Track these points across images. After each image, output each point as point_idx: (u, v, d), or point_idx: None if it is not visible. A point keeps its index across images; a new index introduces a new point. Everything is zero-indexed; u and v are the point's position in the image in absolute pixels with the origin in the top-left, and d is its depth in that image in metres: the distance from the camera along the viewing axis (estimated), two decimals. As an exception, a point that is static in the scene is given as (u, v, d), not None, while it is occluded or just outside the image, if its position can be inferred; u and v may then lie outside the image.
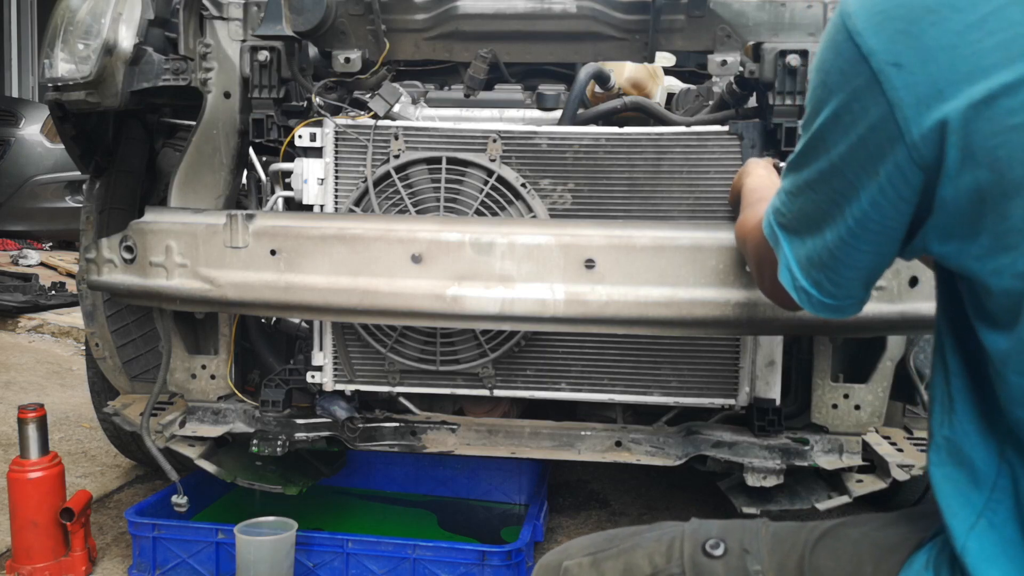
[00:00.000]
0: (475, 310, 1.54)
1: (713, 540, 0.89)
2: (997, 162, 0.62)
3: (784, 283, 0.88)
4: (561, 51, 1.81)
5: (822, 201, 0.77)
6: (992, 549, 0.69)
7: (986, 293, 0.67)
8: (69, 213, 5.58)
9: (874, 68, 0.67)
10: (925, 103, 0.65)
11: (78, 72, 1.80)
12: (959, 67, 0.63)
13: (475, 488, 2.42)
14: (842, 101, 0.71)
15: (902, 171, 0.68)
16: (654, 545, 0.93)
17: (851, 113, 0.70)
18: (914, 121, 0.66)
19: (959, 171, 0.65)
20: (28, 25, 9.82)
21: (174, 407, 1.94)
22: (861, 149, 0.71)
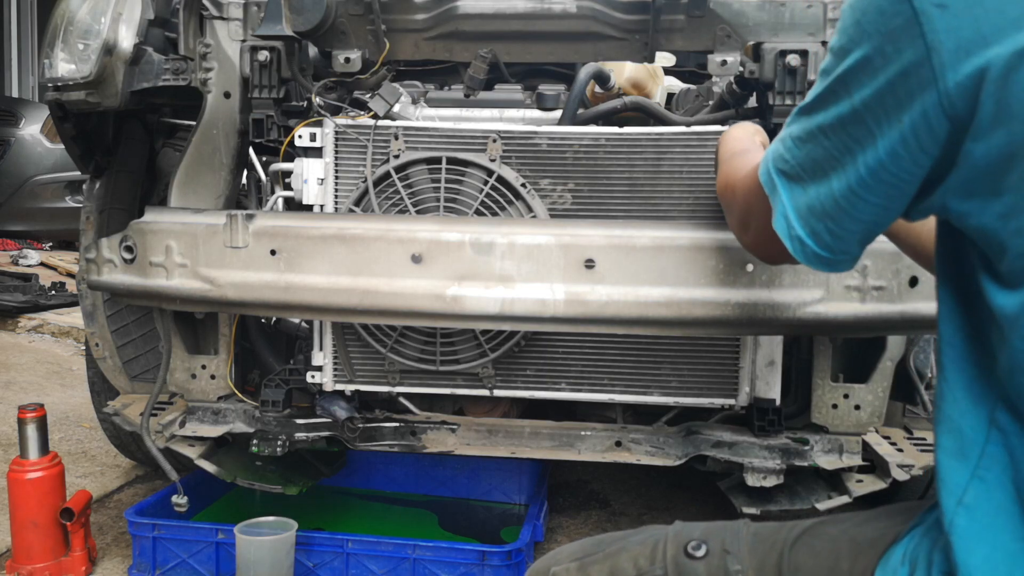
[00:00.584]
0: (475, 310, 1.54)
1: (695, 542, 0.89)
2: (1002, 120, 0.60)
3: (779, 230, 0.85)
4: (561, 51, 1.81)
5: (834, 148, 0.75)
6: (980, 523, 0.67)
7: (1002, 253, 0.65)
8: (69, 213, 5.58)
9: (916, 7, 0.64)
10: (966, 49, 0.62)
11: (78, 72, 1.80)
12: (1008, 11, 0.60)
13: (475, 488, 2.42)
14: (876, 43, 0.68)
15: (929, 121, 0.66)
16: (639, 548, 0.93)
17: (883, 56, 0.67)
18: (951, 67, 0.63)
19: (992, 125, 0.62)
20: (28, 25, 9.82)
21: (174, 407, 1.94)
22: (888, 95, 0.68)
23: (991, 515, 0.67)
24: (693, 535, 0.91)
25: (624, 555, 0.94)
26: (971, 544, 0.67)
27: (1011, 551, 0.65)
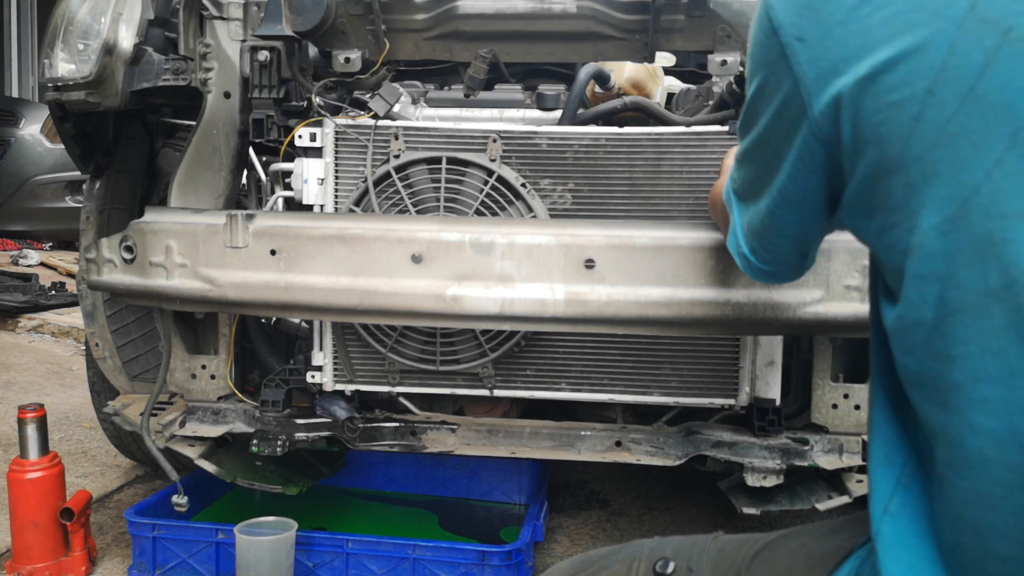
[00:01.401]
0: (475, 310, 1.54)
1: (663, 560, 0.90)
2: (880, 139, 0.62)
3: (731, 248, 0.91)
4: (561, 51, 1.81)
5: (757, 170, 0.79)
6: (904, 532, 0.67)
7: (884, 268, 0.68)
8: (69, 213, 5.58)
9: (783, 42, 0.68)
10: (824, 78, 0.65)
11: (78, 72, 1.80)
12: (850, 43, 0.63)
13: (475, 488, 2.42)
14: (764, 73, 0.72)
15: (808, 145, 0.69)
16: (617, 566, 0.94)
17: (769, 86, 0.71)
18: (815, 96, 0.66)
19: (853, 148, 0.65)
20: (28, 25, 9.82)
21: (174, 407, 1.94)
22: (778, 122, 0.72)
23: (915, 523, 0.66)
24: (665, 552, 0.92)
25: (603, 574, 0.95)
26: (895, 552, 0.67)
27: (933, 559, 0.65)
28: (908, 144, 0.60)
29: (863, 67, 0.62)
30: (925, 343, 0.62)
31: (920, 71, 0.59)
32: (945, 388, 0.61)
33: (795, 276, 0.92)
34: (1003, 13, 0.56)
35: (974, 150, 0.57)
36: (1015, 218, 0.55)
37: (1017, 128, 0.55)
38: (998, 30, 0.56)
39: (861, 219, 0.69)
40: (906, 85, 0.60)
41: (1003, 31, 0.56)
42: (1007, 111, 0.56)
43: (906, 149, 0.60)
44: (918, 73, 0.59)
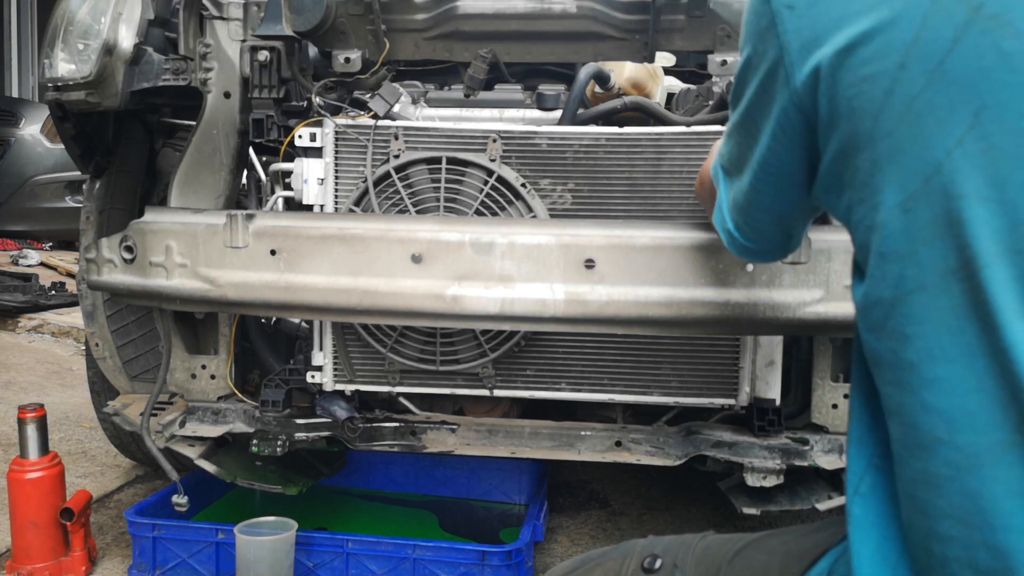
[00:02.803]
0: (475, 310, 1.54)
1: (651, 557, 0.91)
2: (853, 113, 0.62)
3: (716, 224, 0.91)
4: (561, 51, 1.81)
5: (743, 144, 0.79)
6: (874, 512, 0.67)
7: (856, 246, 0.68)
8: (69, 213, 5.58)
9: (773, 9, 0.68)
10: (807, 48, 0.65)
11: (78, 72, 1.80)
12: (832, 13, 0.63)
13: (475, 488, 2.42)
14: (753, 43, 0.72)
15: (788, 116, 0.69)
16: (611, 563, 0.95)
17: (758, 55, 0.72)
18: (798, 66, 0.66)
19: (829, 121, 0.65)
20: (28, 25, 9.82)
21: (174, 407, 1.94)
22: (762, 92, 0.72)
23: (885, 503, 0.67)
24: (655, 550, 0.93)
25: (598, 571, 0.96)
26: (864, 533, 0.67)
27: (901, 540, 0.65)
28: (878, 120, 0.60)
29: (842, 38, 0.62)
30: (883, 321, 0.62)
31: (893, 44, 0.59)
32: (900, 367, 0.61)
33: (779, 256, 0.92)
34: None
35: (938, 128, 0.56)
36: (972, 198, 0.55)
37: (980, 107, 0.55)
38: (969, 6, 0.55)
39: (833, 195, 0.69)
40: (879, 58, 0.60)
41: (974, 7, 0.55)
42: (972, 89, 0.55)
43: (876, 125, 0.60)
44: (891, 46, 0.59)
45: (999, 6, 0.54)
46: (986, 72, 0.55)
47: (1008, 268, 0.54)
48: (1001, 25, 0.54)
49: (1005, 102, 0.54)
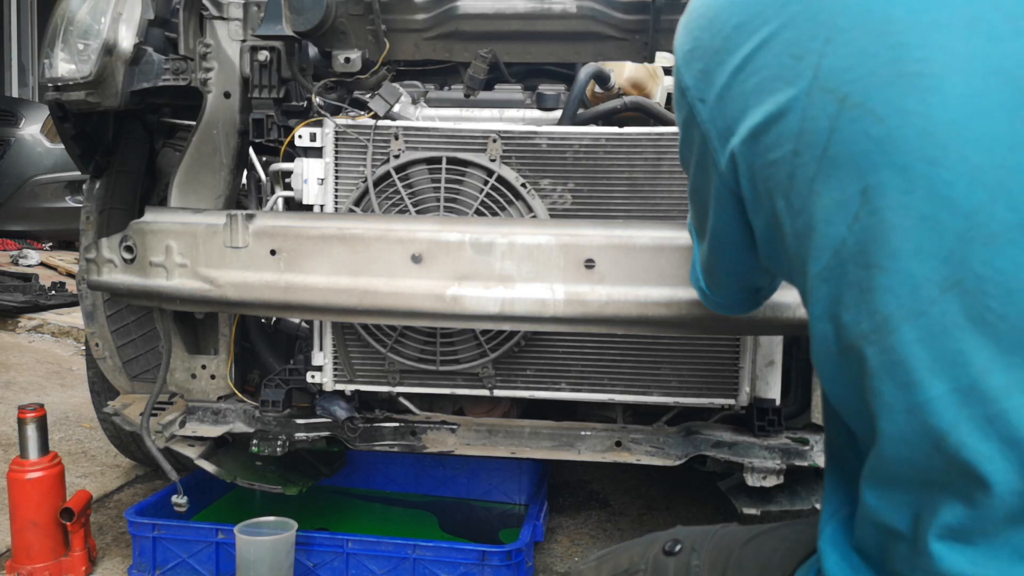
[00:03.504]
0: (475, 310, 1.54)
1: (672, 541, 0.95)
2: (770, 193, 0.67)
3: (692, 282, 0.98)
4: (561, 51, 1.81)
5: (698, 210, 0.84)
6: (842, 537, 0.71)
7: None
8: (69, 213, 5.58)
9: (689, 102, 0.73)
10: (722, 136, 0.69)
11: (78, 72, 1.80)
12: (736, 105, 0.67)
13: (475, 488, 2.42)
14: (683, 129, 0.77)
15: (721, 195, 0.74)
16: (637, 548, 1.00)
17: (688, 139, 0.76)
18: (719, 152, 0.70)
19: (753, 200, 0.70)
20: (28, 25, 9.82)
21: (174, 407, 1.94)
22: (699, 171, 0.77)
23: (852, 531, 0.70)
24: (677, 536, 0.97)
25: (625, 554, 1.00)
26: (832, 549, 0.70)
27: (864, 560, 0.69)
28: (789, 198, 0.64)
29: (745, 128, 0.66)
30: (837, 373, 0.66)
31: (786, 134, 0.63)
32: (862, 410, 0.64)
33: (750, 308, 0.98)
34: (839, 81, 0.59)
35: (836, 207, 0.60)
36: (875, 268, 0.58)
37: (865, 187, 0.58)
38: (835, 97, 0.60)
39: (772, 263, 0.74)
40: (778, 146, 0.64)
41: (840, 98, 0.59)
42: (855, 171, 0.59)
43: (788, 203, 0.65)
44: (784, 136, 0.63)
45: (862, 95, 0.58)
46: (863, 156, 0.58)
47: (915, 330, 0.57)
48: (865, 113, 0.58)
49: (885, 181, 0.57)
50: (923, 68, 0.56)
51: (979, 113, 0.54)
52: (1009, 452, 0.54)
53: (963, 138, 0.54)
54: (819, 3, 0.61)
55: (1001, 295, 0.54)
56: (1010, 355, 0.54)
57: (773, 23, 0.64)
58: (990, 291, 0.54)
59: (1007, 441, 0.54)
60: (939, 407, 0.56)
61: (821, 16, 0.61)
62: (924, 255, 0.56)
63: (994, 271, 0.54)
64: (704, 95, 0.70)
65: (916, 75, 0.56)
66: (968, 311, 0.55)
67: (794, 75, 0.62)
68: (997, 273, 0.54)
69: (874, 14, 0.58)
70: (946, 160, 0.55)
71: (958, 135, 0.55)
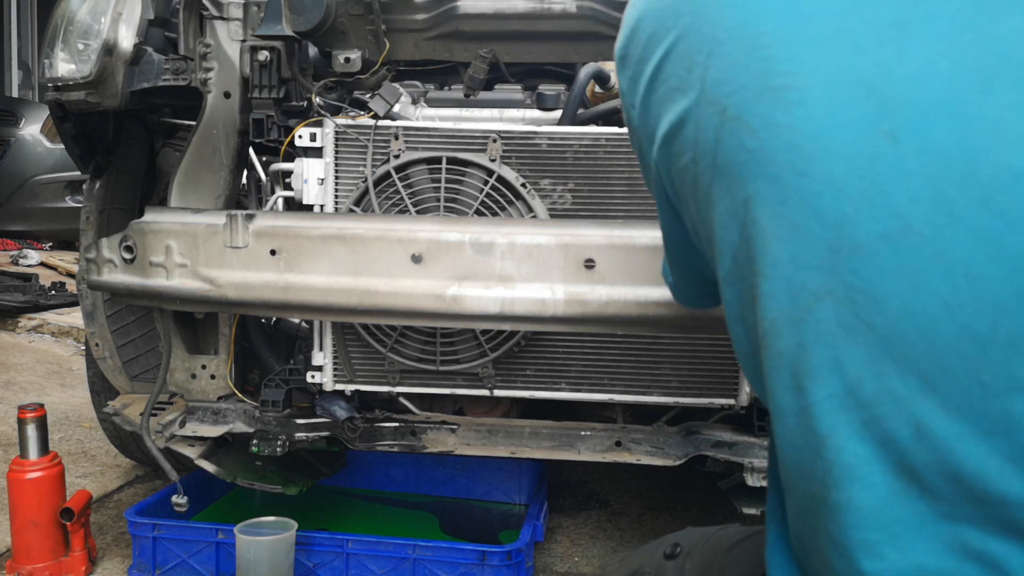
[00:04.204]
0: (475, 310, 1.54)
1: (673, 544, 0.96)
2: (684, 198, 0.69)
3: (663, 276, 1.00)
4: (561, 51, 1.81)
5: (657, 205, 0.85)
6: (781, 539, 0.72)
7: None
8: (69, 213, 5.58)
9: (626, 106, 0.74)
10: (649, 141, 0.71)
11: (78, 72, 1.80)
12: (652, 113, 0.69)
13: (475, 488, 2.42)
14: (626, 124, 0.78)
15: (659, 194, 0.75)
16: (647, 549, 1.01)
17: (632, 137, 0.78)
18: (650, 155, 0.72)
19: (676, 201, 0.72)
20: (28, 25, 9.82)
21: (174, 407, 1.94)
22: (643, 170, 0.78)
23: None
24: (679, 539, 0.98)
25: (639, 555, 1.01)
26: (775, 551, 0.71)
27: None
28: (696, 204, 0.66)
29: (659, 136, 0.68)
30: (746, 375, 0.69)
31: (685, 143, 0.65)
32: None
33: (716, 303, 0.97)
34: (719, 94, 0.61)
35: (728, 215, 0.62)
36: (760, 275, 0.60)
37: (746, 196, 0.60)
38: (717, 110, 0.61)
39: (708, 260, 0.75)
40: (681, 154, 0.66)
41: (720, 110, 0.61)
42: (738, 181, 0.60)
43: (696, 209, 0.67)
44: (684, 145, 0.65)
45: (738, 108, 0.59)
46: (743, 167, 0.60)
47: (799, 335, 0.58)
48: (741, 125, 0.59)
49: (761, 191, 0.58)
50: (789, 81, 0.57)
51: (841, 126, 0.55)
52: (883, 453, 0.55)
53: (827, 150, 0.55)
54: (704, 17, 0.63)
55: (869, 304, 0.55)
56: (879, 363, 0.55)
57: (672, 34, 0.65)
58: (859, 300, 0.55)
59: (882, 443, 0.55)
60: (819, 411, 0.57)
61: (704, 30, 0.62)
62: (799, 264, 0.57)
63: (861, 280, 0.55)
64: (633, 101, 0.72)
65: (783, 88, 0.57)
66: (840, 319, 0.56)
67: (687, 87, 0.64)
68: (864, 283, 0.55)
69: (747, 28, 0.60)
70: (813, 172, 0.56)
71: (822, 147, 0.56)
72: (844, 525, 0.57)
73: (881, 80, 0.54)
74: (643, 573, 0.97)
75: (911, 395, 0.54)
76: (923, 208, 0.53)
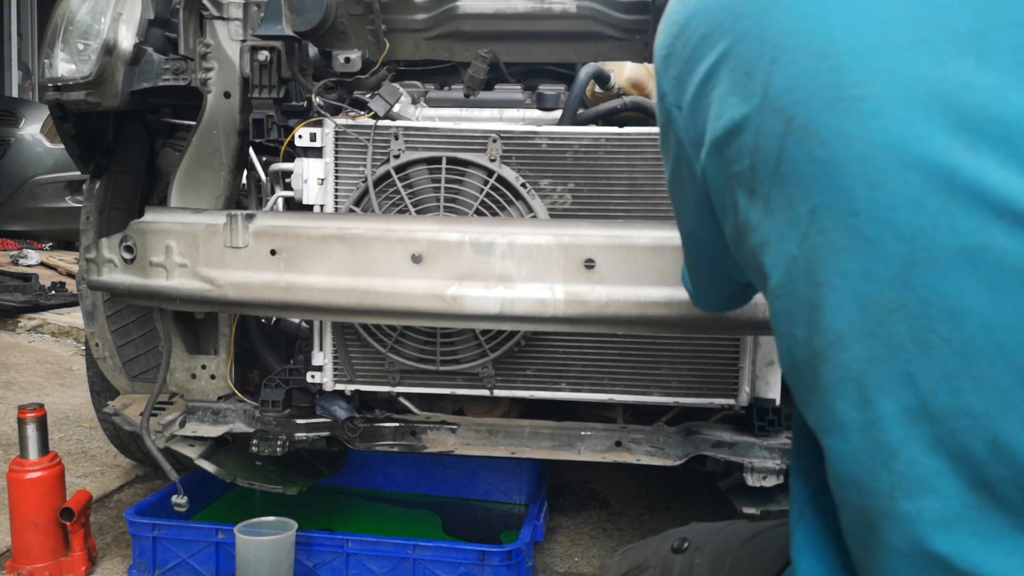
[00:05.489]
0: (475, 310, 1.54)
1: (681, 539, 0.96)
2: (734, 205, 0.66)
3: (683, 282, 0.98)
4: (561, 51, 1.81)
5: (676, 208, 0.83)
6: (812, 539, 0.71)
7: None
8: (69, 213, 5.58)
9: (667, 107, 0.72)
10: (695, 145, 0.69)
11: (78, 72, 1.80)
12: (703, 115, 0.67)
13: (475, 488, 2.42)
14: (662, 132, 0.76)
15: (699, 198, 0.73)
16: (653, 544, 1.00)
17: (666, 140, 0.76)
18: (696, 160, 0.70)
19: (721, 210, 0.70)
20: (28, 25, 9.82)
21: (174, 407, 1.94)
22: (676, 174, 0.76)
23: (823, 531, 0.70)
24: (687, 534, 0.97)
25: (643, 549, 1.01)
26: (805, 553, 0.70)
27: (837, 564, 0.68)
28: (748, 212, 0.64)
29: (711, 139, 0.66)
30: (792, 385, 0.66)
31: (743, 149, 0.63)
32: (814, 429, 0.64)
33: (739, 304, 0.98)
34: (785, 102, 0.59)
35: (788, 224, 0.60)
36: (825, 286, 0.58)
37: (812, 207, 0.58)
38: (782, 118, 0.59)
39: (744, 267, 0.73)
40: (736, 161, 0.64)
41: (786, 119, 0.59)
42: (802, 191, 0.59)
43: (748, 216, 0.64)
44: (742, 151, 0.63)
45: (805, 118, 0.58)
46: (809, 177, 0.58)
47: (869, 348, 0.56)
48: (809, 136, 0.58)
49: (830, 202, 0.57)
50: (863, 92, 0.56)
51: (919, 138, 0.54)
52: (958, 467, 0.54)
53: (903, 163, 0.54)
54: (766, 21, 0.61)
55: (945, 319, 0.53)
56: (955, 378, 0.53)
57: (729, 37, 0.64)
58: (934, 315, 0.54)
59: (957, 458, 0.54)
60: (889, 425, 0.56)
61: (767, 35, 0.61)
62: (871, 277, 0.56)
63: (938, 296, 0.53)
64: (679, 102, 0.70)
65: (856, 99, 0.56)
66: (913, 333, 0.55)
67: (747, 92, 0.62)
68: (941, 298, 0.53)
69: (816, 35, 0.58)
70: (887, 184, 0.55)
71: (898, 159, 0.54)
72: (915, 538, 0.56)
73: (960, 91, 0.53)
74: (648, 567, 0.97)
75: (988, 411, 0.52)
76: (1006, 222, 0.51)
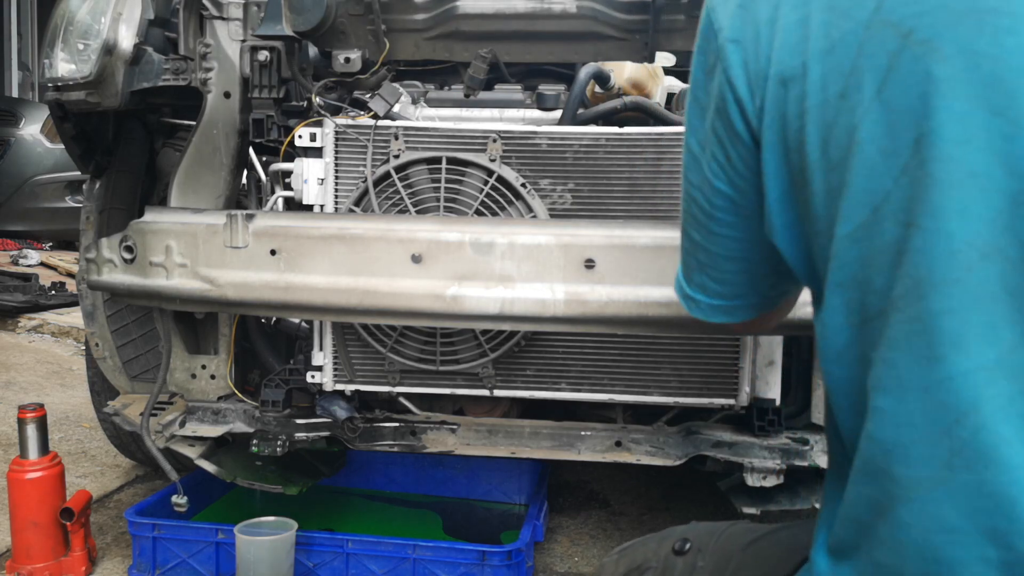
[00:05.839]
0: (475, 310, 1.54)
1: (682, 540, 0.94)
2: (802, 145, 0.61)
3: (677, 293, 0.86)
4: (561, 51, 1.81)
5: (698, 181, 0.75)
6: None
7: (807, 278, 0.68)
8: (69, 213, 5.58)
9: (720, 44, 0.66)
10: (754, 83, 0.64)
11: (78, 72, 1.80)
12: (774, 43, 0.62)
13: (475, 488, 2.42)
14: (702, 73, 0.70)
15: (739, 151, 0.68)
16: (654, 544, 0.99)
17: (706, 92, 0.70)
18: (746, 102, 0.65)
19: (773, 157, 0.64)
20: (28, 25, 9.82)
21: (174, 407, 1.94)
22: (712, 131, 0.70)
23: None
24: (688, 534, 0.95)
25: (642, 549, 0.99)
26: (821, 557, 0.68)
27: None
28: (826, 150, 0.59)
29: (784, 71, 0.61)
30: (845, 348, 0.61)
31: (832, 75, 0.58)
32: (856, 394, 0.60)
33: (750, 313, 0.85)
34: (904, 15, 0.54)
35: (882, 157, 0.55)
36: (914, 227, 0.54)
37: (919, 135, 0.53)
38: (899, 32, 0.54)
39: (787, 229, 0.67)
40: (821, 89, 0.59)
41: (904, 33, 0.54)
42: (909, 116, 0.54)
43: (823, 155, 0.59)
44: (831, 77, 0.58)
45: (928, 31, 0.53)
46: (920, 99, 0.53)
47: (950, 298, 0.52)
48: (931, 51, 0.53)
49: (937, 128, 0.53)
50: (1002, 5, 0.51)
51: None
52: None
53: None
54: None
55: None
56: None
57: None
58: None
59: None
60: (960, 385, 0.52)
61: None
62: (967, 216, 0.51)
63: None
64: (740, 35, 0.64)
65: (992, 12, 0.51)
66: (1005, 281, 0.50)
67: (850, 6, 0.57)
68: None
69: None
70: (1012, 111, 0.50)
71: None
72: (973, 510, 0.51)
73: None
74: (648, 567, 0.95)
75: None
76: None
